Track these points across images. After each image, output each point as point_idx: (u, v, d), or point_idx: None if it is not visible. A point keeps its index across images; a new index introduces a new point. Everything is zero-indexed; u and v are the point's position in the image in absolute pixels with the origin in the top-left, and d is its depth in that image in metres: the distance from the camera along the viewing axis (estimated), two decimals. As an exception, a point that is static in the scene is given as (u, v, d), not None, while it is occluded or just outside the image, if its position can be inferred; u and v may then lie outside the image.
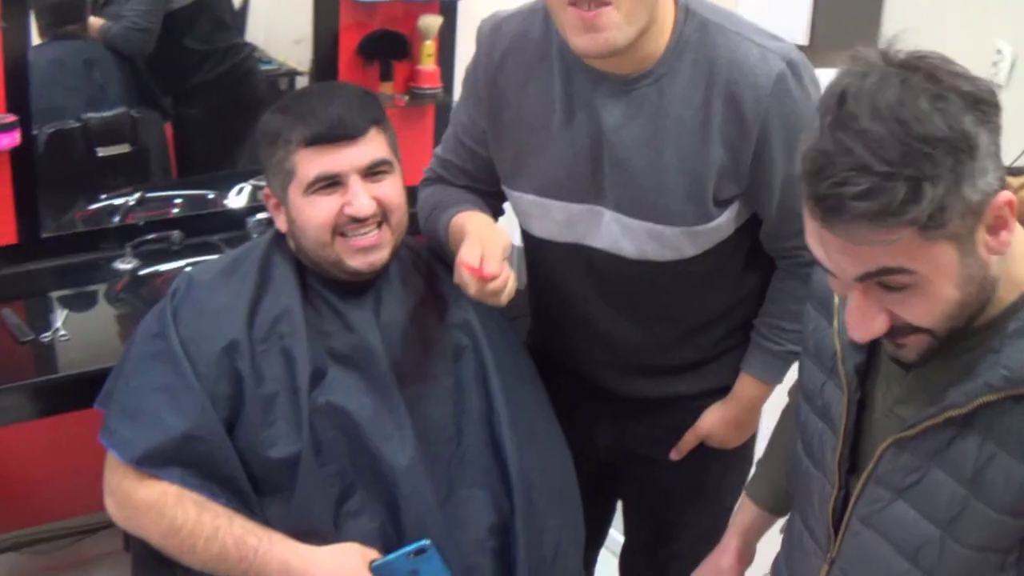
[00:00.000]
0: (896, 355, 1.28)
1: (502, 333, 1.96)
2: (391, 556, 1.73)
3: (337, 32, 3.13)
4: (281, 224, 1.87)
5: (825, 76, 1.26)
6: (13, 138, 2.62)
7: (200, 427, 1.72)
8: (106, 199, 3.04)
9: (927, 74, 1.11)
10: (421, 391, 1.83)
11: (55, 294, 2.79)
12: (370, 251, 1.81)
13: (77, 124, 2.98)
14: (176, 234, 2.91)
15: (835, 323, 1.43)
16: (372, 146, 1.80)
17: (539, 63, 1.83)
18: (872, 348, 1.38)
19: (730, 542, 1.81)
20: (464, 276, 1.72)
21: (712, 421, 2.03)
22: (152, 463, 1.72)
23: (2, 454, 2.72)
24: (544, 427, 1.96)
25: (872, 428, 1.38)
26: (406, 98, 3.26)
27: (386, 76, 3.19)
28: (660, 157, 1.76)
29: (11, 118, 2.62)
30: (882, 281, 1.16)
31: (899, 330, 1.21)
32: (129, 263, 2.88)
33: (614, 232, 1.83)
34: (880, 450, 1.33)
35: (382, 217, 1.81)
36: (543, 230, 1.92)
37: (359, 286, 1.86)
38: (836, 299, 1.42)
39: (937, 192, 1.08)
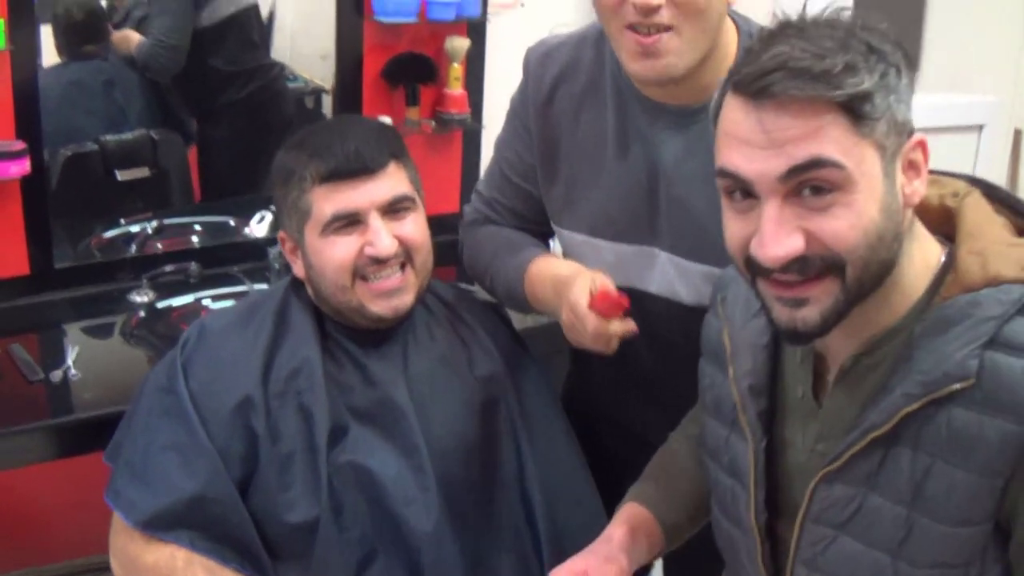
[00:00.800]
0: (795, 324, 1.20)
1: (535, 385, 1.85)
2: None
3: (361, 54, 3.03)
4: (298, 270, 1.76)
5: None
6: (23, 166, 2.53)
7: (212, 488, 1.61)
8: (124, 225, 2.98)
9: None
10: (448, 450, 1.71)
11: (68, 327, 2.70)
12: (393, 295, 1.70)
13: (95, 147, 2.91)
14: (194, 266, 2.81)
15: (730, 371, 1.39)
16: (392, 181, 1.69)
17: (591, 93, 1.74)
18: (772, 391, 1.35)
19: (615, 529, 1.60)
20: (581, 313, 1.59)
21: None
22: (160, 526, 1.61)
23: (13, 494, 2.62)
24: (579, 488, 1.83)
25: (795, 471, 1.34)
26: (433, 124, 3.15)
27: (412, 100, 3.08)
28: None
29: (20, 145, 2.53)
30: (808, 179, 1.12)
31: (810, 263, 1.15)
32: (145, 296, 2.78)
33: (669, 275, 1.73)
34: (810, 489, 1.28)
35: (405, 258, 1.70)
36: None
37: (382, 334, 1.75)
38: (728, 349, 1.41)
39: (870, 79, 1.11)
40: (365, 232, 1.67)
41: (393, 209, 1.69)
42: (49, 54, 2.70)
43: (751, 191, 1.17)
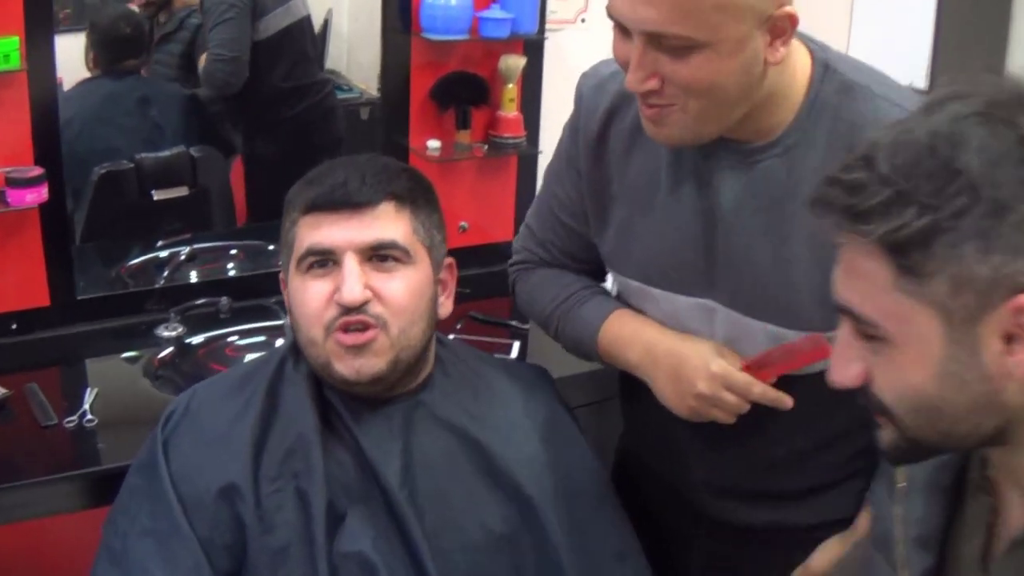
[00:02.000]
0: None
1: (573, 460, 1.65)
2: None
3: (408, 74, 2.85)
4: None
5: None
6: (40, 194, 2.36)
7: None
8: (157, 249, 2.86)
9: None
10: (454, 550, 1.49)
11: (91, 363, 2.55)
12: (360, 353, 1.47)
13: (130, 165, 2.76)
14: (224, 301, 2.63)
15: (897, 512, 1.18)
16: (381, 224, 1.49)
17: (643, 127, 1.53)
18: (945, 544, 1.12)
19: None
20: (741, 382, 1.50)
21: (828, 558, 1.66)
22: None
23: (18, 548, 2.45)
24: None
25: None
26: (485, 148, 2.95)
27: (463, 123, 2.89)
28: (786, 246, 1.47)
29: (37, 171, 2.36)
30: (859, 329, 0.99)
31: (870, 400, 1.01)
32: (174, 330, 2.60)
33: (729, 332, 1.56)
34: None
35: (378, 320, 1.47)
36: None
37: (382, 401, 1.54)
38: (900, 484, 1.18)
39: (920, 223, 0.88)
40: (339, 275, 1.47)
41: (378, 256, 1.49)
42: (68, 69, 2.54)
43: None
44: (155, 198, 2.78)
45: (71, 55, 2.55)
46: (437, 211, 1.59)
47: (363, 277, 1.46)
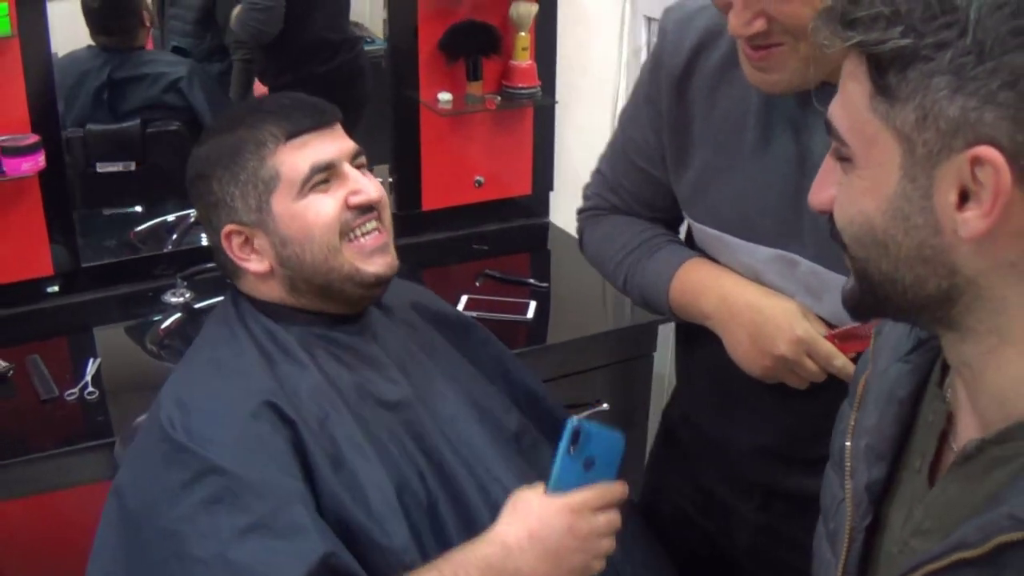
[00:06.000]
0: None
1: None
2: (554, 470, 1.38)
3: (415, 24, 2.74)
4: (257, 265, 1.50)
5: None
6: (36, 161, 2.30)
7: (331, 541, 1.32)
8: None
9: None
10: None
11: (96, 332, 2.49)
12: (385, 251, 1.56)
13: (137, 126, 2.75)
14: (231, 264, 2.54)
15: (851, 421, 1.16)
16: (346, 137, 1.58)
17: (732, 66, 1.47)
18: (896, 460, 1.09)
19: None
20: (824, 349, 1.46)
21: None
22: None
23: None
24: None
25: (883, 562, 1.10)
26: (498, 99, 2.84)
27: (473, 75, 2.78)
28: None
29: (33, 139, 2.31)
30: (835, 147, 0.96)
31: None
32: (181, 296, 2.54)
33: (808, 286, 1.49)
34: None
35: (378, 213, 1.57)
36: None
37: (352, 318, 1.58)
38: (859, 394, 1.16)
39: (900, 43, 0.86)
40: (343, 183, 1.53)
41: (357, 164, 1.57)
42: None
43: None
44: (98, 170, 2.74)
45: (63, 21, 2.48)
46: None
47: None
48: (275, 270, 1.50)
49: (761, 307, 1.50)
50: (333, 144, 1.53)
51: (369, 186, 1.54)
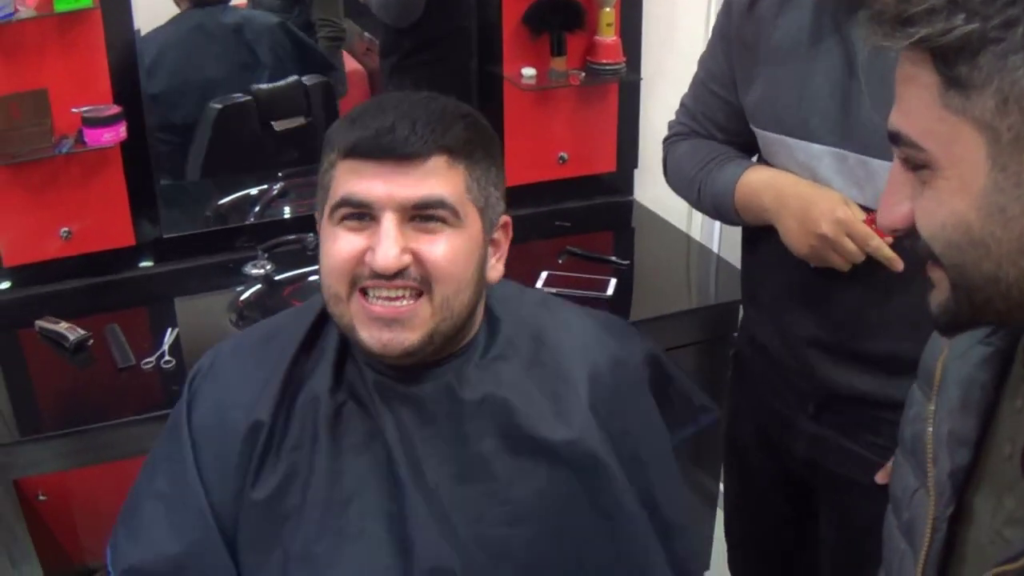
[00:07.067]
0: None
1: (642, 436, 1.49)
2: None
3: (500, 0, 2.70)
4: None
5: None
6: (117, 132, 2.32)
7: (196, 554, 1.34)
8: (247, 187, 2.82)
9: None
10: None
11: (177, 302, 2.52)
12: (392, 326, 1.29)
13: (247, 97, 2.74)
14: (312, 237, 2.54)
15: (931, 407, 1.13)
16: (432, 180, 1.28)
17: None
18: (980, 445, 1.06)
19: None
20: (861, 231, 1.63)
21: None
22: None
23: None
24: None
25: (973, 553, 1.06)
26: (582, 75, 2.79)
27: (557, 50, 2.73)
28: None
29: (115, 110, 2.32)
30: (907, 156, 0.93)
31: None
32: (262, 268, 2.55)
33: (859, 178, 1.66)
34: None
35: (421, 284, 1.29)
36: None
37: (412, 375, 1.37)
38: (937, 378, 1.13)
39: (967, 28, 0.84)
40: (375, 233, 1.28)
41: (421, 216, 1.28)
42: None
43: None
44: (276, 129, 2.77)
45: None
46: (496, 165, 1.38)
47: (401, 240, 1.27)
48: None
49: (808, 195, 1.69)
50: (387, 184, 1.26)
51: (387, 250, 1.26)
